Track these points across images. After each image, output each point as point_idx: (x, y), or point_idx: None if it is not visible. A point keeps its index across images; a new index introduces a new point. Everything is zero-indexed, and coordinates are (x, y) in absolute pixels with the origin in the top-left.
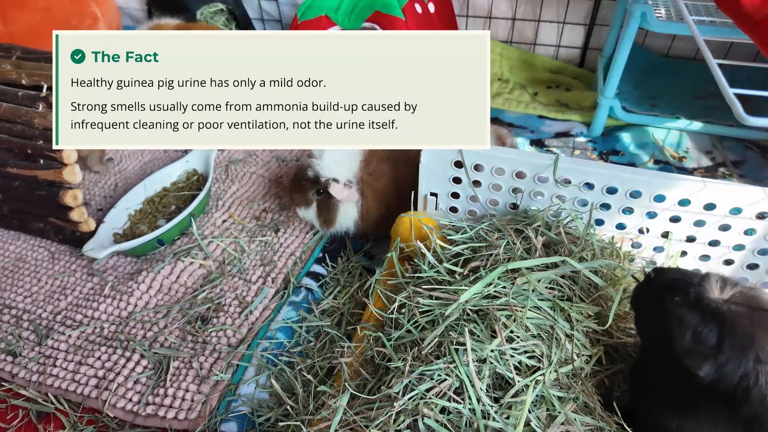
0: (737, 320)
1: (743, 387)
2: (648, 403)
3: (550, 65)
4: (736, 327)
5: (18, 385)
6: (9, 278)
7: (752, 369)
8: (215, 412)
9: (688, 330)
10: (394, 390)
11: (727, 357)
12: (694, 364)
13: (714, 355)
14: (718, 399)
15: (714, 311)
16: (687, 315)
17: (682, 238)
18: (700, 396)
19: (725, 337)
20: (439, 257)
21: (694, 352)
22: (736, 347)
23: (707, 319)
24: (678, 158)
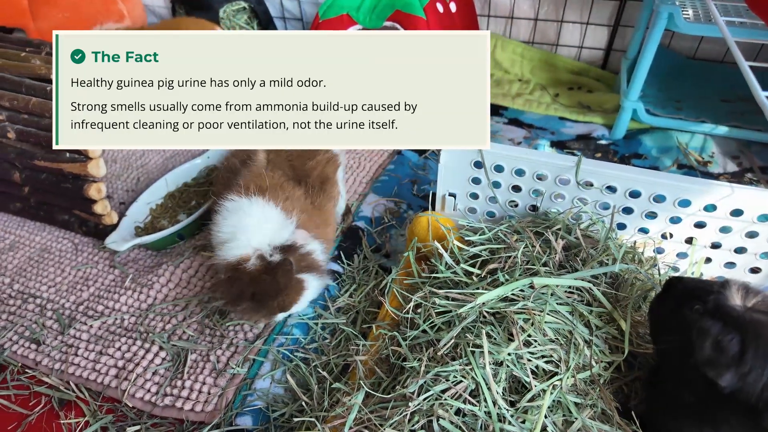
0: (761, 329)
1: (766, 398)
2: (665, 412)
3: (572, 66)
4: (760, 335)
5: (41, 372)
6: (34, 268)
7: None
8: (231, 406)
9: (709, 339)
10: (410, 390)
11: (750, 366)
12: (716, 374)
13: (736, 364)
14: (739, 410)
15: (736, 319)
16: (708, 324)
17: (707, 245)
18: (720, 407)
19: (748, 345)
20: (456, 258)
21: (716, 362)
22: (760, 356)
23: (729, 327)
24: (703, 163)
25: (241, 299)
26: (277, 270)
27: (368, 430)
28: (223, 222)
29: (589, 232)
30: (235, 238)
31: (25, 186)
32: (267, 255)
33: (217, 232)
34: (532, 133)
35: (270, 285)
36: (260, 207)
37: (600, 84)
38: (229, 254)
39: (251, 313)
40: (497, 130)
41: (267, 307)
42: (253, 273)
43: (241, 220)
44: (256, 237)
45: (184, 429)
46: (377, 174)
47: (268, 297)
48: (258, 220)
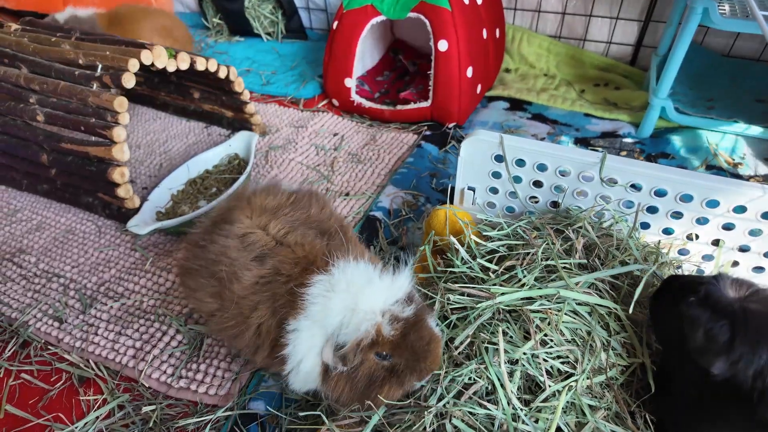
0: (751, 318)
1: (759, 386)
2: (671, 410)
3: (600, 62)
4: (749, 324)
5: (63, 349)
6: (59, 248)
7: (766, 365)
8: (244, 390)
9: (700, 327)
10: (429, 402)
11: (740, 353)
12: (707, 361)
13: (726, 351)
14: (735, 402)
15: (725, 308)
16: (698, 312)
17: (735, 247)
18: (717, 400)
19: (737, 332)
20: (473, 253)
21: (707, 349)
22: (748, 343)
23: (718, 315)
24: (733, 164)
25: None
26: (419, 323)
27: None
28: (327, 302)
29: (611, 231)
30: (355, 310)
31: (52, 168)
32: (399, 313)
33: (318, 320)
34: (556, 129)
35: (417, 344)
36: (362, 265)
37: (628, 81)
38: (352, 333)
39: (397, 390)
40: (520, 125)
41: (416, 372)
42: (392, 339)
43: (352, 289)
44: (378, 299)
45: (198, 411)
46: (396, 166)
47: (420, 359)
48: (370, 278)
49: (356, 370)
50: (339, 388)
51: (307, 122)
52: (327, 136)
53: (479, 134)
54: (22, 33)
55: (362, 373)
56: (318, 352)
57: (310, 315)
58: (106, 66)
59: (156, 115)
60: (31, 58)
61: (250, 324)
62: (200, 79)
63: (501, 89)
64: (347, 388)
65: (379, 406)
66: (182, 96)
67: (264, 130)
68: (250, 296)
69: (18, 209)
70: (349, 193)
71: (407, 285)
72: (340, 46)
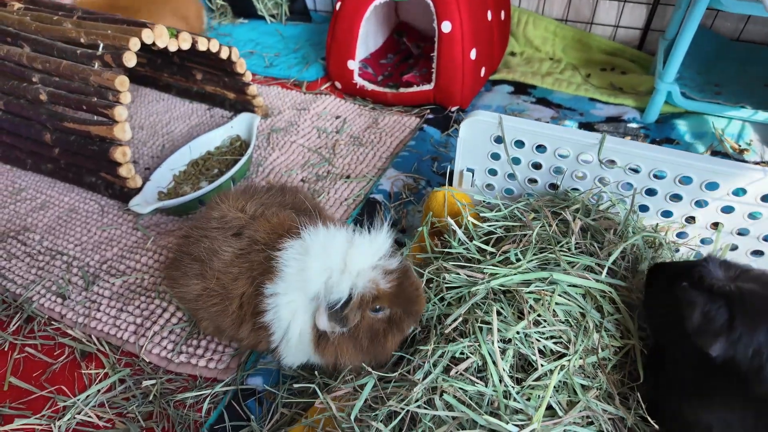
0: (747, 297)
1: (757, 364)
2: (665, 391)
3: (607, 46)
4: (746, 303)
5: (65, 325)
6: (63, 227)
7: (765, 344)
8: (243, 366)
9: (697, 310)
10: (416, 377)
11: (740, 333)
12: (706, 343)
13: (726, 332)
14: (731, 381)
15: (721, 288)
16: (694, 295)
17: (734, 231)
18: (714, 380)
19: (736, 312)
20: (470, 234)
21: (706, 331)
22: (748, 323)
23: (715, 297)
24: (738, 150)
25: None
26: (408, 272)
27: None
28: (302, 265)
29: (609, 214)
30: (344, 270)
31: (56, 147)
32: (389, 266)
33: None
34: (560, 113)
35: (410, 291)
36: (334, 229)
37: (635, 65)
38: (344, 293)
39: (399, 337)
40: (524, 109)
41: (412, 315)
42: (390, 290)
43: (331, 251)
44: (366, 257)
45: (197, 385)
46: (398, 149)
47: (414, 303)
48: (350, 239)
49: (356, 329)
50: (343, 351)
51: (309, 105)
52: (329, 119)
53: (479, 115)
54: (25, 12)
55: (363, 330)
56: (303, 318)
57: (285, 278)
58: (108, 45)
59: (159, 97)
60: (33, 36)
61: (233, 296)
62: (203, 60)
63: (505, 73)
64: (352, 349)
65: (388, 357)
66: (185, 77)
67: (266, 112)
68: (230, 269)
69: (23, 188)
70: (350, 175)
71: (388, 239)
72: (343, 27)
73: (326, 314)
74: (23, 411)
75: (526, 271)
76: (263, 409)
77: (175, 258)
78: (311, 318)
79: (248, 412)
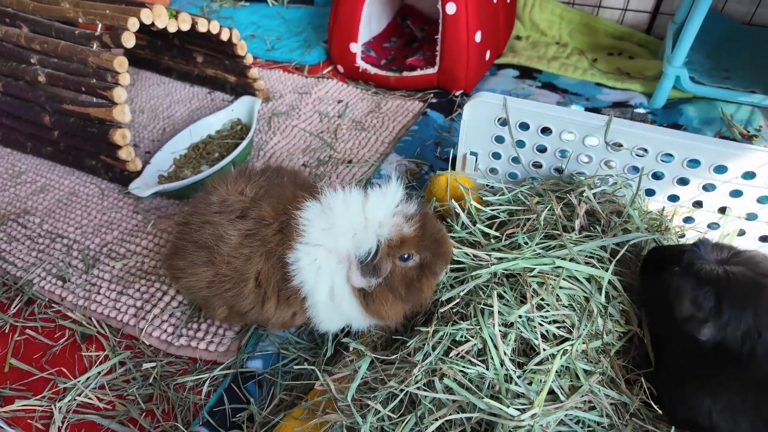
0: (734, 281)
1: (748, 347)
2: (664, 377)
3: (614, 30)
4: (733, 287)
5: (66, 307)
6: (63, 210)
7: (753, 325)
8: (243, 349)
9: (685, 296)
10: (415, 358)
11: (728, 317)
12: (695, 329)
13: (714, 317)
14: (725, 364)
15: (709, 274)
16: (682, 282)
17: (742, 215)
18: (708, 364)
19: (723, 297)
20: (473, 219)
21: (694, 318)
22: (735, 306)
23: (702, 282)
24: (747, 136)
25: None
26: (426, 214)
27: (374, 383)
28: (328, 222)
29: (615, 197)
30: (366, 223)
31: (55, 130)
32: (408, 210)
33: (321, 241)
34: (566, 98)
35: (435, 232)
36: (346, 189)
37: (643, 50)
38: (372, 243)
39: (434, 280)
40: (529, 94)
41: (441, 256)
42: (415, 233)
43: (352, 205)
44: (383, 206)
45: (197, 368)
46: (400, 134)
47: (441, 243)
48: (364, 194)
49: (391, 279)
50: (385, 302)
51: (311, 89)
52: (331, 103)
53: (483, 96)
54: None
55: (397, 280)
56: (332, 276)
57: (308, 238)
58: (106, 25)
59: (160, 80)
60: (31, 17)
61: (248, 277)
62: (203, 42)
63: (511, 57)
64: (391, 299)
65: (426, 303)
66: (185, 60)
67: (267, 95)
68: (240, 251)
69: (23, 171)
70: (351, 160)
71: (399, 187)
72: (346, 10)
73: (359, 269)
74: (24, 392)
75: (532, 256)
76: (263, 392)
77: (176, 247)
78: (344, 277)
79: (248, 395)
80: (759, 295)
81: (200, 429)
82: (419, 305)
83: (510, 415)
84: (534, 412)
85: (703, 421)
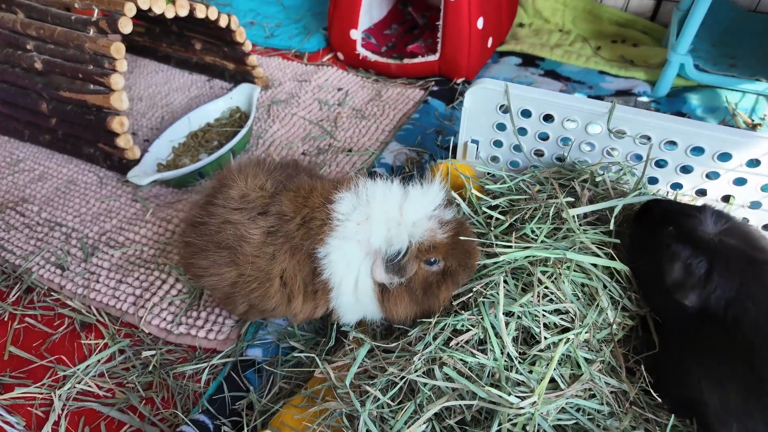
0: (729, 252)
1: (732, 314)
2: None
3: (618, 17)
4: (726, 259)
5: (65, 296)
6: (61, 198)
7: (738, 295)
8: (243, 337)
9: (678, 261)
10: (416, 347)
11: (716, 285)
12: (682, 294)
13: (702, 285)
14: (712, 331)
15: (707, 243)
16: (679, 248)
17: (746, 204)
18: (695, 329)
19: (715, 267)
20: (474, 208)
21: (682, 283)
22: (725, 277)
23: (698, 251)
24: (751, 125)
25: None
26: (463, 224)
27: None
28: (364, 216)
29: (618, 184)
30: (401, 221)
31: (52, 117)
32: (444, 216)
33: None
34: (568, 86)
35: (468, 243)
36: (382, 182)
37: (647, 37)
38: (403, 243)
39: (453, 289)
40: (532, 82)
41: (467, 269)
42: (446, 241)
43: (390, 200)
44: (421, 207)
45: (197, 356)
46: (401, 122)
47: (470, 256)
48: (403, 190)
49: (413, 281)
50: (400, 302)
51: (310, 76)
52: (331, 91)
53: (484, 83)
54: None
55: (417, 282)
56: (359, 269)
57: (342, 232)
58: (103, 10)
59: (158, 68)
60: (27, 2)
61: (273, 276)
62: (201, 29)
63: (513, 44)
64: (408, 300)
65: (439, 309)
66: (184, 47)
67: (266, 83)
68: (264, 249)
69: (21, 159)
70: (351, 149)
71: (441, 191)
72: None
73: (384, 266)
74: (23, 380)
75: (542, 247)
76: (263, 380)
77: (193, 245)
78: (369, 270)
79: (247, 383)
80: (748, 268)
81: (200, 417)
82: (432, 310)
83: (510, 403)
84: (534, 400)
85: (693, 393)
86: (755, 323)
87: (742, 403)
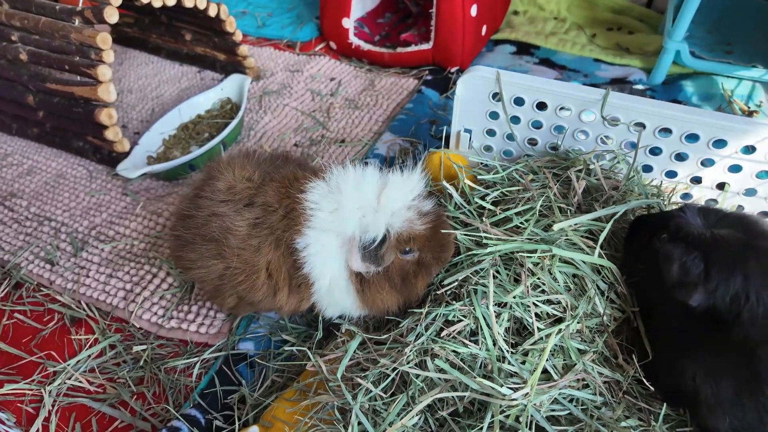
0: (722, 245)
1: (735, 310)
2: (653, 345)
3: (614, 4)
4: (721, 250)
5: (55, 291)
6: (50, 193)
7: (742, 289)
8: (234, 331)
9: (674, 262)
10: (408, 338)
11: (717, 281)
12: (685, 294)
13: (703, 282)
14: (711, 327)
15: (697, 238)
16: (671, 248)
17: (741, 191)
18: (694, 328)
19: (712, 262)
20: (467, 198)
21: (684, 283)
22: (724, 270)
23: (690, 248)
24: (747, 112)
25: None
26: (440, 216)
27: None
28: (335, 205)
29: (611, 173)
30: (378, 209)
31: (40, 110)
32: (423, 207)
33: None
34: (563, 75)
35: (443, 237)
36: (358, 168)
37: (643, 25)
38: (379, 232)
39: (428, 280)
40: (527, 70)
41: (441, 262)
42: (424, 233)
43: (364, 188)
44: (400, 196)
45: (188, 350)
46: (395, 113)
47: (445, 249)
48: (383, 177)
49: (389, 269)
50: (379, 291)
51: (303, 66)
52: (323, 81)
53: (477, 70)
54: None
55: (395, 271)
56: (334, 262)
57: (316, 221)
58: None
59: (148, 60)
60: None
61: (259, 268)
62: (191, 19)
63: (508, 32)
64: (387, 288)
65: (417, 297)
66: (174, 38)
67: (258, 74)
68: (249, 242)
69: (8, 153)
70: (344, 140)
71: (422, 179)
72: None
73: (360, 254)
74: (13, 376)
75: (530, 239)
76: (255, 374)
77: (182, 238)
78: (344, 263)
79: (239, 377)
80: (748, 258)
81: (191, 411)
82: (411, 298)
83: (502, 395)
84: (526, 391)
85: (686, 385)
86: (754, 315)
87: (734, 397)
